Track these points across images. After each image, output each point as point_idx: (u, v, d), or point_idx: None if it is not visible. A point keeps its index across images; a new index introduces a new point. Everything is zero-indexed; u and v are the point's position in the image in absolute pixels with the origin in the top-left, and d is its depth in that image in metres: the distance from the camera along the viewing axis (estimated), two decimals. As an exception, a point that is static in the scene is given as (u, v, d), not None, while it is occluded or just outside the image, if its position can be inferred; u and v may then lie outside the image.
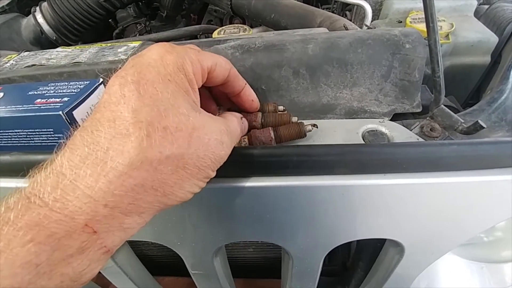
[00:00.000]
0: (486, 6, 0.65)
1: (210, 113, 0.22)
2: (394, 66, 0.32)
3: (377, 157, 0.23)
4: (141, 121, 0.17)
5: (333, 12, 0.83)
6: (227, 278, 0.39)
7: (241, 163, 0.24)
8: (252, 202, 0.25)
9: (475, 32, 0.56)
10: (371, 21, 0.58)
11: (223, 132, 0.21)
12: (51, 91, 0.28)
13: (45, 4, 0.68)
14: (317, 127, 0.28)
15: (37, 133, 0.27)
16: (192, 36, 0.70)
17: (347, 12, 0.76)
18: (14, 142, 0.28)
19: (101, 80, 0.30)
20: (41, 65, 0.35)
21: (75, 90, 0.28)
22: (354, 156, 0.23)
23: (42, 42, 0.69)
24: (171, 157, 0.18)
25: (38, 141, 0.28)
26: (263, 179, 0.24)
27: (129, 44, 0.39)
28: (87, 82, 0.29)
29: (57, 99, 0.27)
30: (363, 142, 0.29)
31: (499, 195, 0.25)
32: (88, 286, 0.47)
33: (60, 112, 0.25)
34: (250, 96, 0.28)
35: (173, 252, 0.32)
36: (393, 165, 0.24)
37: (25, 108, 0.27)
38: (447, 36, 0.52)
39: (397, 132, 0.29)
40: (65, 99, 0.27)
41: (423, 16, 0.55)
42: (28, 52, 0.41)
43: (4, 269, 0.14)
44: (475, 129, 0.28)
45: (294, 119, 0.30)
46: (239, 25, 0.60)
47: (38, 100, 0.26)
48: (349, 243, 0.33)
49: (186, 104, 0.19)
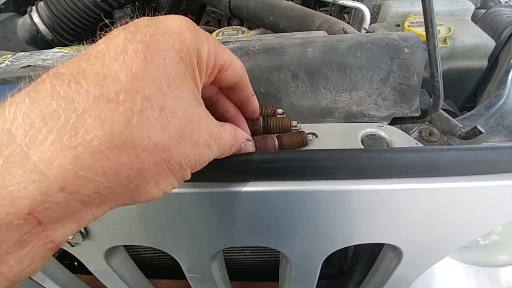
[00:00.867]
0: (483, 11, 0.65)
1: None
2: (393, 70, 0.32)
3: (377, 162, 0.23)
4: (137, 91, 0.14)
5: (330, 15, 0.84)
6: (224, 282, 0.39)
7: (240, 168, 0.23)
8: (250, 207, 0.25)
9: (472, 36, 0.56)
10: (369, 25, 0.58)
11: (213, 136, 0.18)
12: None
13: (41, 3, 0.67)
14: (316, 137, 0.27)
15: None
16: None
17: (345, 15, 0.76)
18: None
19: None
20: (37, 66, 0.35)
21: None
22: (353, 162, 0.23)
23: (38, 42, 0.68)
24: (159, 146, 0.15)
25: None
26: (262, 184, 0.24)
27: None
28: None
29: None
30: (362, 146, 0.29)
31: (497, 200, 0.25)
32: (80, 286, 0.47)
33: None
34: (253, 108, 0.26)
35: (169, 254, 0.31)
36: (393, 170, 0.24)
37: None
38: (445, 40, 0.53)
39: (396, 137, 0.29)
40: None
41: (421, 20, 0.56)
42: (23, 53, 0.40)
43: None
44: (474, 134, 0.29)
45: (294, 123, 0.30)
46: (238, 27, 0.60)
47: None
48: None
49: (190, 91, 0.17)
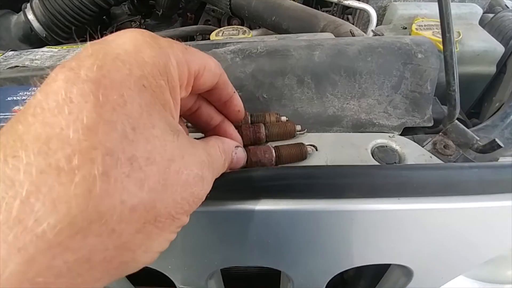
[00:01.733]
0: (491, 15, 0.64)
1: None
2: (405, 77, 0.30)
3: (393, 181, 0.21)
4: (95, 148, 0.11)
5: (333, 15, 0.82)
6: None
7: (242, 185, 0.21)
8: (252, 226, 0.23)
9: (481, 41, 0.54)
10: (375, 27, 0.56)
11: (204, 164, 0.16)
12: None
13: (36, 0, 0.65)
14: (316, 149, 0.25)
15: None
16: (188, 37, 0.67)
17: (349, 16, 0.74)
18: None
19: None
20: (24, 66, 0.32)
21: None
22: (367, 180, 0.21)
23: (31, 39, 0.66)
24: (138, 208, 0.12)
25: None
26: (265, 203, 0.22)
27: (120, 45, 0.36)
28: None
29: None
30: (372, 158, 0.27)
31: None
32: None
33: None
34: (236, 106, 0.23)
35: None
36: (409, 189, 0.22)
37: (1, 116, 0.24)
38: (453, 44, 0.51)
39: (409, 149, 0.27)
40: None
41: (429, 23, 0.54)
42: (13, 52, 0.38)
43: None
44: (492, 148, 0.27)
45: (298, 127, 0.28)
46: (238, 26, 0.58)
47: (16, 108, 0.24)
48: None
49: (162, 123, 0.14)
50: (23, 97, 0.25)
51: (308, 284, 0.29)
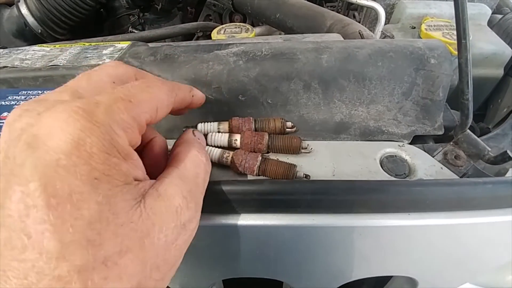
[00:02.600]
0: (499, 16, 0.62)
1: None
2: (416, 83, 0.29)
3: (405, 198, 0.20)
4: (68, 271, 0.11)
5: (337, 11, 0.80)
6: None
7: (244, 199, 0.20)
8: (255, 241, 0.22)
9: (490, 43, 0.53)
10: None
11: (180, 209, 0.15)
12: (22, 102, 0.23)
13: (29, -8, 0.62)
14: (309, 178, 0.22)
15: None
16: (188, 34, 0.65)
17: (355, 13, 0.72)
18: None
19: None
20: (14, 67, 0.31)
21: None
22: (378, 196, 0.20)
23: (26, 35, 0.63)
24: None
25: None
26: (269, 217, 0.21)
27: (116, 45, 0.34)
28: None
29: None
30: (381, 169, 0.26)
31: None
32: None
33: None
34: (200, 100, 0.21)
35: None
36: (421, 204, 0.21)
37: (-11, 123, 0.23)
38: (462, 46, 0.49)
39: (419, 160, 0.26)
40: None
41: (439, 23, 0.52)
42: (2, 50, 0.36)
43: None
44: (503, 159, 0.26)
45: (304, 145, 0.27)
46: (241, 24, 0.56)
47: (5, 114, 0.22)
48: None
49: (127, 204, 0.13)
50: (12, 102, 0.24)
51: (312, 295, 0.28)
